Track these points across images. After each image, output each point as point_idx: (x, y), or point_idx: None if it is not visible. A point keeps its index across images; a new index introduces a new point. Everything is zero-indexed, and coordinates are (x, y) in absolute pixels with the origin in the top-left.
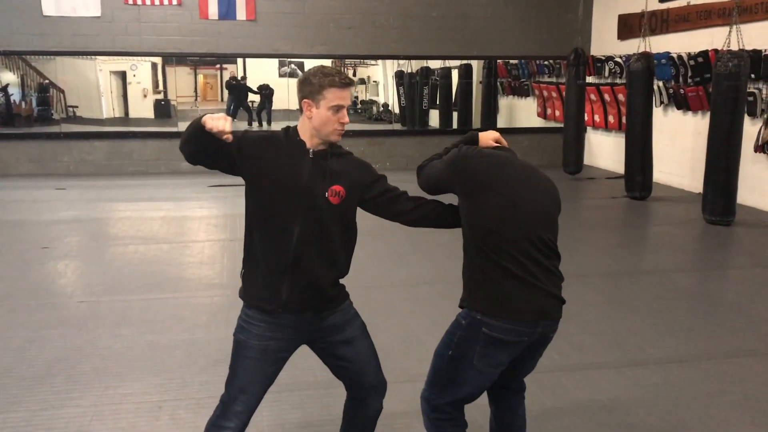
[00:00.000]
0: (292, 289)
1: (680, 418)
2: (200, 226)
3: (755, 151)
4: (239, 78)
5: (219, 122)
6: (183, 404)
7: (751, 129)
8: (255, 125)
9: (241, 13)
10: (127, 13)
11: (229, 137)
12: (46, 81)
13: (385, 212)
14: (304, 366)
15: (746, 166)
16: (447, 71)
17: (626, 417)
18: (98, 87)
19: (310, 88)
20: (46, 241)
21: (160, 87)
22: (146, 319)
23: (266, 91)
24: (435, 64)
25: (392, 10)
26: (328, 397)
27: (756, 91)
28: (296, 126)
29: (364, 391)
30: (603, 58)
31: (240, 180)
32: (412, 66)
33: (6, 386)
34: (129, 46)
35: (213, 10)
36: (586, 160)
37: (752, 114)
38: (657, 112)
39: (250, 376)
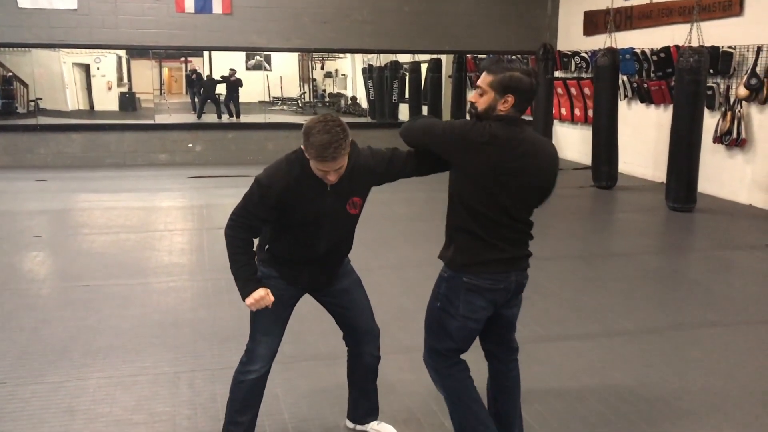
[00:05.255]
0: (313, 275)
1: (653, 379)
2: (186, 215)
3: (714, 142)
4: (206, 74)
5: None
6: (199, 375)
7: (710, 121)
8: (225, 117)
9: (217, 7)
10: (103, 5)
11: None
12: (10, 74)
13: (396, 178)
14: (310, 340)
15: (706, 157)
16: (416, 65)
17: (606, 379)
18: (62, 79)
19: (304, 145)
20: (36, 230)
21: (125, 80)
22: (150, 301)
23: (232, 78)
24: (404, 58)
25: (366, 5)
26: (334, 365)
27: (714, 85)
28: None
29: (359, 335)
30: (569, 53)
31: (219, 171)
32: (381, 60)
33: (28, 361)
34: (106, 39)
35: (189, 4)
36: None
37: (711, 107)
38: (621, 106)
39: (270, 320)
